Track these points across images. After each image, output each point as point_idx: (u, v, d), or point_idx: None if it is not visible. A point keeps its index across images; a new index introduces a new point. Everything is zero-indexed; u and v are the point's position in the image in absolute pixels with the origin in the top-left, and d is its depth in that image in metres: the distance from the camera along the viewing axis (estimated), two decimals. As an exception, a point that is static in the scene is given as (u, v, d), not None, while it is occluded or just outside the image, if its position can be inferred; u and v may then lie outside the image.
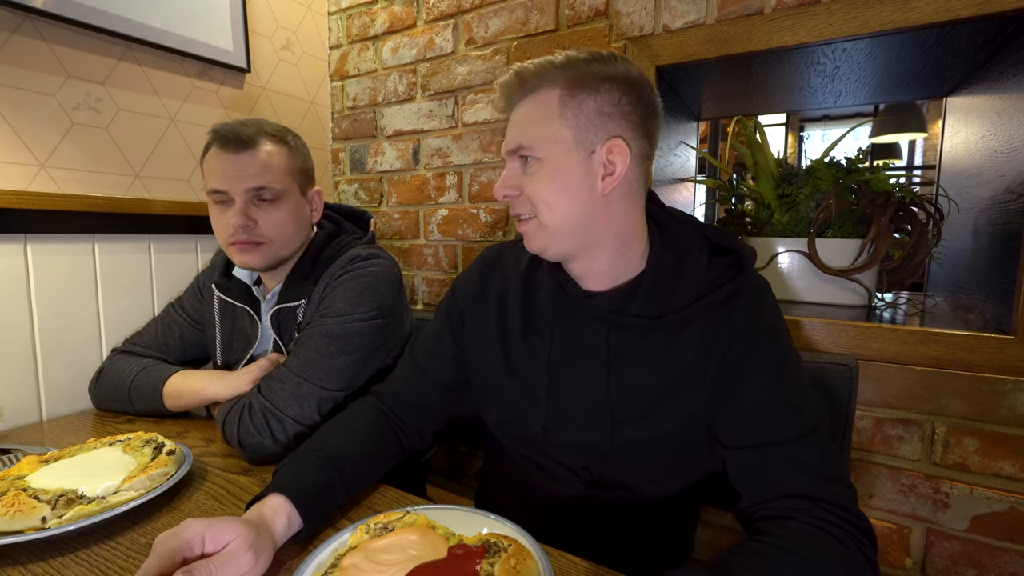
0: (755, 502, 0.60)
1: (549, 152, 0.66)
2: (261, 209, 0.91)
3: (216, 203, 0.91)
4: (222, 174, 0.88)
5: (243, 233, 0.89)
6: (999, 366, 0.85)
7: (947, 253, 1.24)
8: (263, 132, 0.92)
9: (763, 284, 0.69)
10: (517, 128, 0.68)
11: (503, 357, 0.78)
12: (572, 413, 0.72)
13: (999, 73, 1.00)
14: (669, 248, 0.71)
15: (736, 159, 2.47)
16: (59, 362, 1.07)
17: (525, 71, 0.67)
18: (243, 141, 0.89)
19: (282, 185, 0.92)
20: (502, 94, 0.71)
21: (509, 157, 0.70)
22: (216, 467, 0.82)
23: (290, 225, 0.94)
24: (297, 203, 0.96)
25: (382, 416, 0.81)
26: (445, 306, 0.87)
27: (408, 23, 1.48)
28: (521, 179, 0.68)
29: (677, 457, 0.70)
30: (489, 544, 0.55)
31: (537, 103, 0.67)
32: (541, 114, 0.66)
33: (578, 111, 0.65)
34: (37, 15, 1.01)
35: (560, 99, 0.65)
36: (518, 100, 0.69)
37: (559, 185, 0.66)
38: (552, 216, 0.66)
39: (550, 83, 0.66)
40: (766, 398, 0.62)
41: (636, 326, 0.68)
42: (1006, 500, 0.86)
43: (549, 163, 0.66)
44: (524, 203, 0.69)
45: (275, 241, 0.93)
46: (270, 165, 0.91)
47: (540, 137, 0.66)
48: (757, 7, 1.02)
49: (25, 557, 0.59)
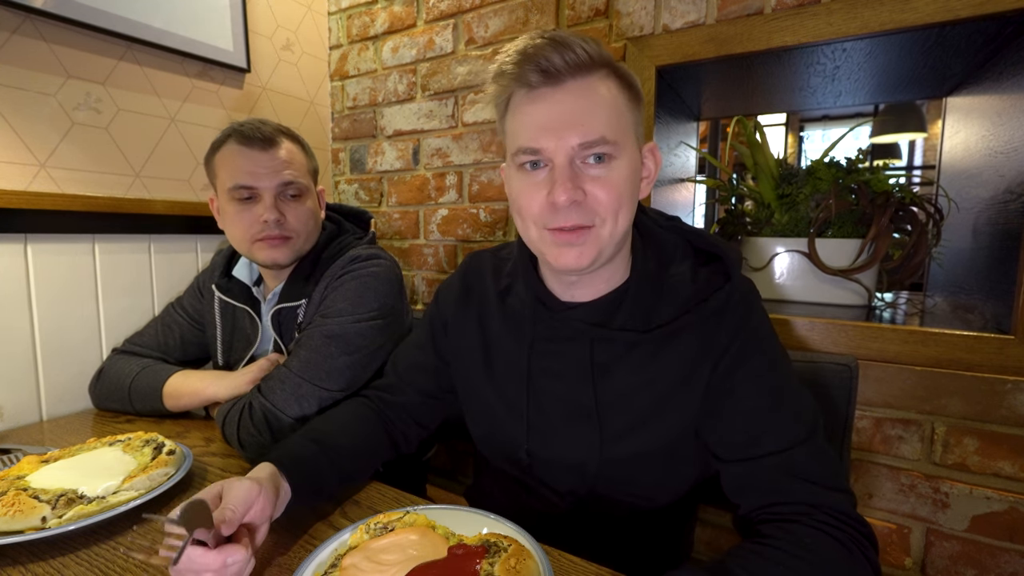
0: (754, 509, 0.59)
1: (627, 149, 0.59)
2: (289, 204, 0.93)
3: (239, 200, 0.91)
4: (250, 170, 0.89)
5: (275, 228, 0.90)
6: (999, 366, 0.85)
7: (947, 253, 1.24)
8: (280, 131, 0.94)
9: (750, 290, 0.66)
10: (590, 116, 0.57)
11: (485, 369, 0.76)
12: (556, 430, 0.69)
13: (999, 73, 1.00)
14: (652, 256, 0.68)
15: (736, 159, 2.47)
16: (59, 362, 1.07)
17: (573, 42, 0.56)
18: (267, 138, 0.91)
19: (305, 181, 0.96)
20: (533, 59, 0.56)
21: (575, 151, 0.57)
22: (216, 467, 0.82)
23: (312, 219, 0.97)
24: (315, 200, 0.99)
25: (371, 411, 0.81)
26: (429, 315, 0.86)
27: (408, 23, 1.48)
28: (587, 180, 0.59)
29: (668, 472, 0.68)
30: (489, 544, 0.55)
31: (604, 87, 0.58)
32: (614, 102, 0.58)
33: (630, 105, 0.60)
34: (37, 15, 1.01)
35: (620, 88, 0.59)
36: (565, 77, 0.57)
37: (630, 188, 0.60)
38: (617, 224, 0.60)
39: (605, 66, 0.59)
40: (759, 405, 0.60)
41: (621, 339, 0.65)
42: (1006, 500, 0.87)
43: (626, 162, 0.59)
44: (587, 210, 0.59)
45: (301, 235, 0.95)
46: (293, 162, 0.94)
47: (620, 131, 0.58)
48: (757, 7, 1.02)
49: (25, 557, 0.59)
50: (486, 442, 0.80)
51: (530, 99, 0.59)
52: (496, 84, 0.61)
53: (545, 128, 0.58)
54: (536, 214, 0.61)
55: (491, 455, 0.80)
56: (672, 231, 0.70)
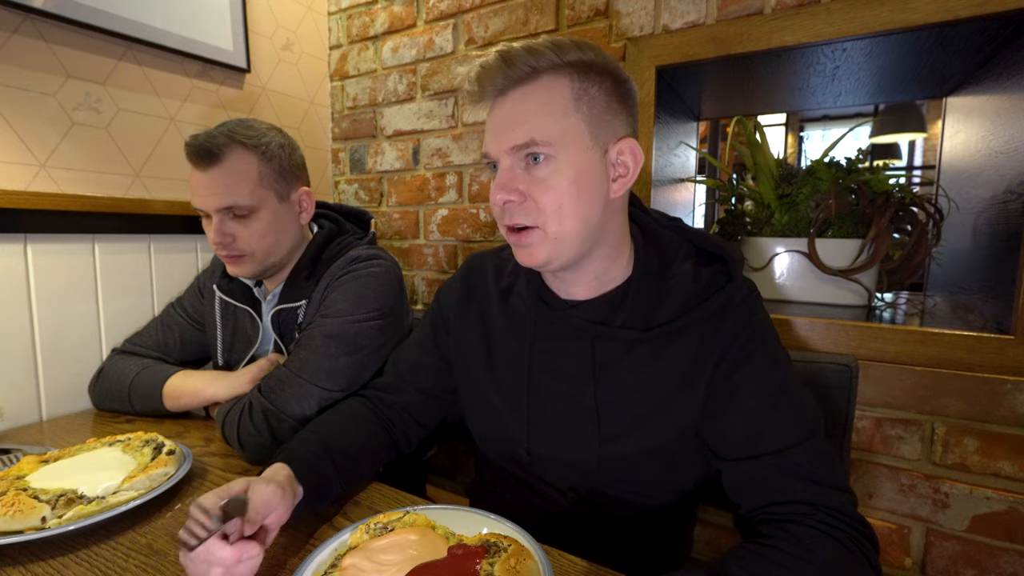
0: (754, 509, 0.59)
1: (568, 150, 0.59)
2: (238, 223, 0.90)
3: (201, 216, 0.92)
4: (195, 191, 0.89)
5: (223, 248, 0.91)
6: (999, 366, 0.85)
7: (947, 253, 1.24)
8: (233, 140, 0.88)
9: (752, 290, 0.66)
10: (522, 120, 0.59)
11: (487, 368, 0.76)
12: (556, 428, 0.69)
13: (999, 73, 1.00)
14: (654, 255, 0.68)
15: (736, 159, 2.47)
16: (59, 362, 1.07)
17: (516, 54, 0.59)
18: (211, 155, 0.86)
19: (253, 199, 0.88)
20: (482, 79, 0.61)
21: (510, 154, 0.61)
22: (216, 467, 0.82)
23: (270, 235, 0.92)
24: (275, 212, 0.92)
25: (370, 412, 0.81)
26: (430, 315, 0.86)
27: (408, 23, 1.48)
28: (525, 181, 0.61)
29: (669, 471, 0.68)
30: (489, 544, 0.55)
31: (545, 91, 0.59)
32: (554, 105, 0.59)
33: (592, 104, 0.60)
34: (37, 15, 1.00)
35: (572, 89, 0.59)
36: (508, 88, 0.61)
37: (577, 188, 0.60)
38: (563, 225, 0.60)
39: (554, 70, 0.59)
40: (760, 404, 0.60)
41: (622, 337, 0.65)
42: (1005, 500, 0.87)
43: (567, 163, 0.59)
44: (528, 210, 0.61)
45: (257, 252, 0.92)
46: (239, 180, 0.87)
47: (557, 132, 0.59)
48: (757, 7, 1.02)
49: (25, 557, 0.59)
50: (487, 441, 0.80)
51: (488, 109, 0.65)
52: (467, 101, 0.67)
53: (491, 133, 0.64)
54: (496, 213, 0.65)
55: (492, 454, 0.80)
56: (674, 231, 0.71)
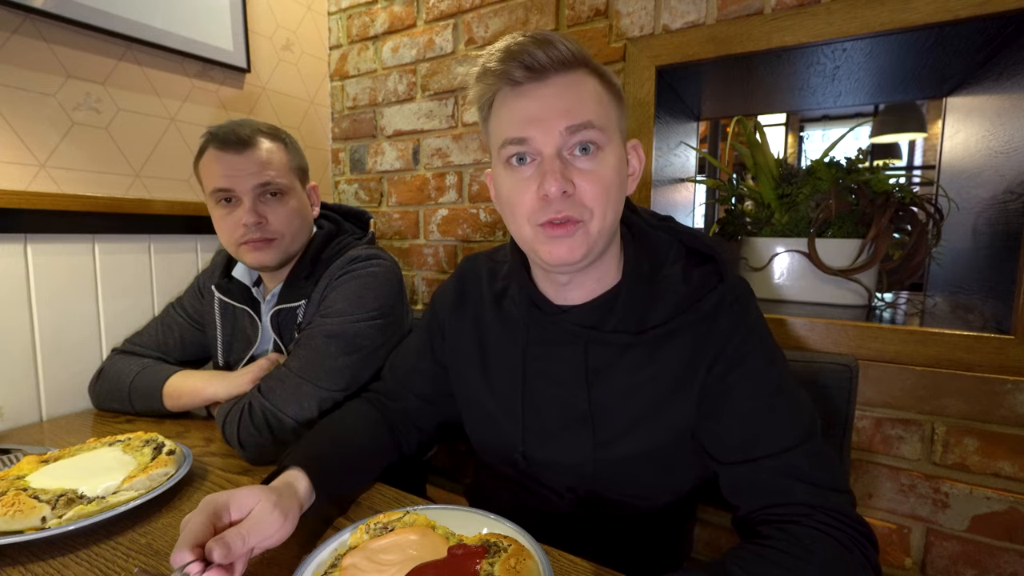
0: (753, 511, 0.59)
1: (612, 141, 0.58)
2: (269, 205, 0.91)
3: (221, 204, 0.91)
4: (226, 173, 0.88)
5: (255, 231, 0.90)
6: (999, 366, 0.85)
7: (947, 253, 1.24)
8: (259, 131, 0.92)
9: (744, 290, 0.65)
10: (577, 102, 0.56)
11: (482, 373, 0.76)
12: (551, 432, 0.69)
13: (999, 73, 1.00)
14: (644, 257, 0.67)
15: (736, 159, 2.47)
16: (59, 362, 1.07)
17: (556, 39, 0.56)
18: (243, 140, 0.89)
19: (286, 180, 0.93)
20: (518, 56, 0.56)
21: (562, 136, 0.57)
22: (216, 467, 0.82)
23: (296, 219, 0.95)
24: (300, 198, 0.97)
25: (378, 414, 0.81)
26: (426, 320, 0.86)
27: (408, 23, 1.48)
28: (572, 172, 0.58)
29: (666, 472, 0.68)
30: (489, 544, 0.55)
31: (581, 82, 0.58)
32: (596, 94, 0.58)
33: (618, 103, 0.60)
34: (37, 15, 1.00)
35: (603, 85, 0.59)
36: (548, 73, 0.57)
37: (618, 182, 0.59)
38: (605, 219, 0.59)
39: (583, 64, 0.59)
40: (756, 406, 0.60)
41: (615, 342, 0.64)
42: (1005, 500, 0.87)
43: (611, 154, 0.58)
44: (576, 203, 0.58)
45: (286, 236, 0.94)
46: (272, 161, 0.91)
47: (607, 121, 0.58)
48: (757, 7, 1.02)
49: (25, 557, 0.59)
50: (483, 445, 0.80)
51: (516, 95, 0.59)
52: (480, 84, 0.61)
53: (531, 119, 0.58)
54: (528, 210, 0.60)
55: (489, 457, 0.80)
56: (665, 231, 0.70)
